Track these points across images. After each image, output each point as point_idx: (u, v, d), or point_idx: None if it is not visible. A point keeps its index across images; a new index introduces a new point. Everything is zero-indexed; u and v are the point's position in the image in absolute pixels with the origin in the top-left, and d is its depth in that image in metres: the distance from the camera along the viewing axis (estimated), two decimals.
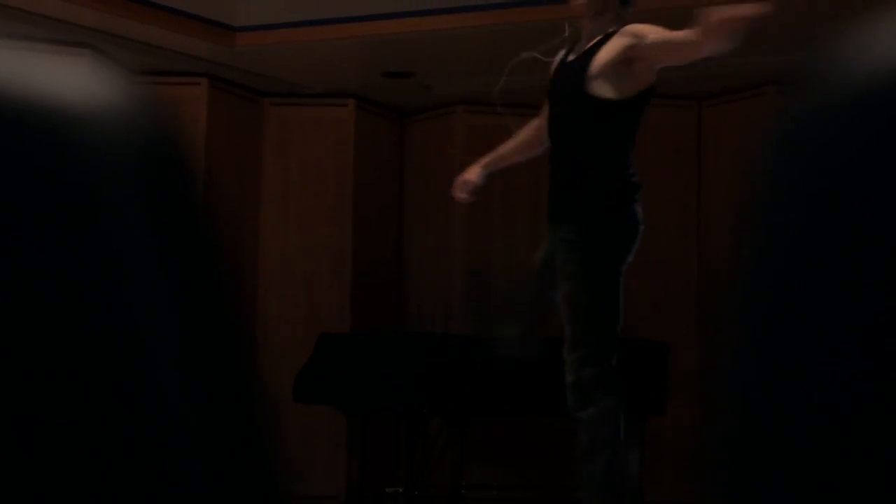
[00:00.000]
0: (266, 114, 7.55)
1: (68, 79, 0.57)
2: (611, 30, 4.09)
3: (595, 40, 4.10)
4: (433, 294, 7.60)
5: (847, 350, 0.51)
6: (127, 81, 0.57)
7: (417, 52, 6.84)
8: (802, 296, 0.52)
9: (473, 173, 4.53)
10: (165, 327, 0.55)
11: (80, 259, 0.54)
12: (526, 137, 4.46)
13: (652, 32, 4.02)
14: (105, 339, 0.54)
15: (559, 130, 4.13)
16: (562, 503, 6.65)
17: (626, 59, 4.01)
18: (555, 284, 4.12)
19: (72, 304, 0.53)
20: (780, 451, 0.52)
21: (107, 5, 6.15)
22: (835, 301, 0.51)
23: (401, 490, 6.44)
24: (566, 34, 4.28)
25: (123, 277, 0.54)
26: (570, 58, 4.19)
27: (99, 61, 0.58)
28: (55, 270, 0.53)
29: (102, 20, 6.25)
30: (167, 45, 6.67)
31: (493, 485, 7.26)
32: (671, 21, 4.09)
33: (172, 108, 0.59)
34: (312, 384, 6.14)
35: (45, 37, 5.61)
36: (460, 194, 4.55)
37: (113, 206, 0.54)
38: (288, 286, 7.44)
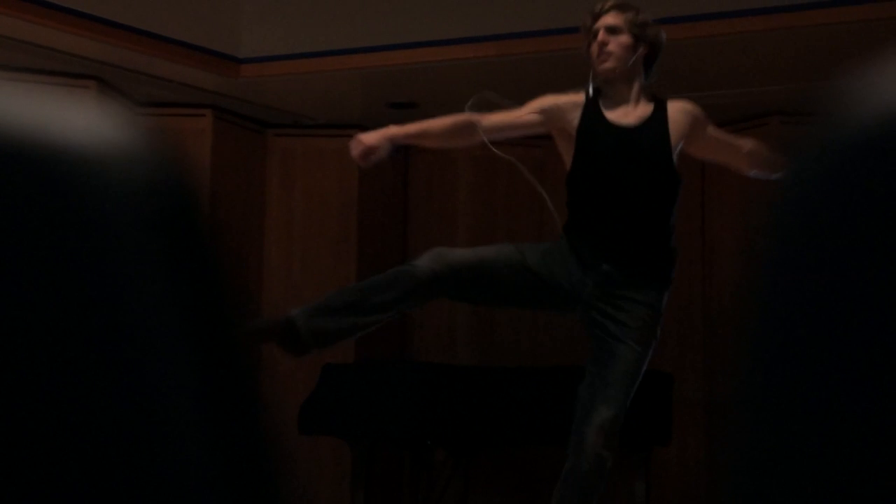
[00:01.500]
0: (270, 145, 7.57)
1: (73, 115, 0.57)
2: (652, 99, 4.13)
3: (650, 108, 4.11)
4: (437, 324, 7.60)
5: (855, 382, 0.51)
6: (131, 115, 0.58)
7: (421, 82, 6.86)
8: (809, 326, 0.52)
9: (379, 139, 4.02)
10: (171, 358, 0.55)
11: (85, 293, 0.54)
12: (453, 127, 4.16)
13: (709, 122, 4.16)
14: (110, 368, 0.54)
15: (630, 193, 4.01)
16: None
17: (686, 137, 4.09)
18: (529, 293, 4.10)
19: (78, 334, 0.54)
20: (787, 479, 0.52)
21: (113, 38, 6.18)
22: (843, 333, 0.51)
23: None
24: (589, 89, 4.23)
25: (129, 312, 0.54)
26: (618, 120, 4.11)
27: (104, 94, 0.58)
28: (61, 305, 0.54)
29: (108, 52, 6.27)
30: (172, 76, 6.69)
31: None
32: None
33: (177, 139, 0.59)
34: (317, 415, 6.13)
35: (52, 69, 5.61)
36: (359, 157, 4.03)
37: (118, 240, 0.54)
38: None
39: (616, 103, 4.12)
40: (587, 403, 3.96)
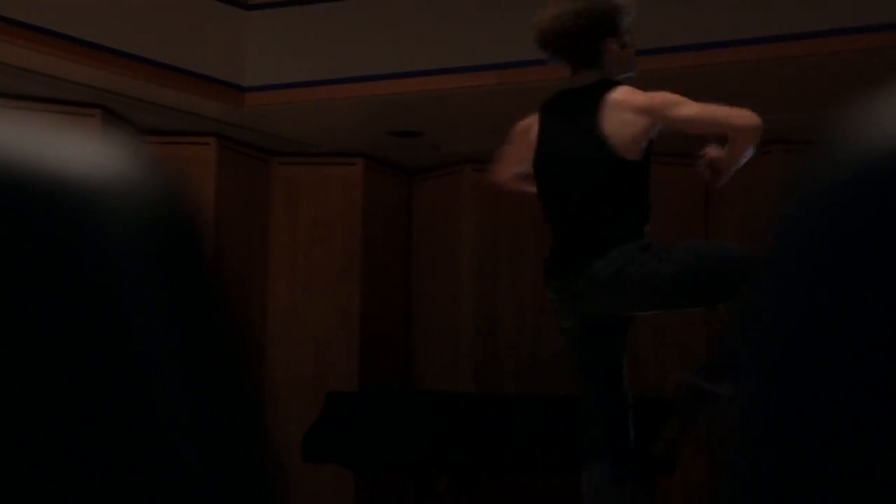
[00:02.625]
0: (274, 173, 7.58)
1: (77, 143, 0.57)
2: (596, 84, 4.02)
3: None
4: (441, 351, 7.59)
5: (857, 408, 0.51)
6: (136, 143, 0.58)
7: (424, 111, 6.87)
8: (813, 353, 0.52)
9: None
10: (174, 390, 0.55)
11: (88, 322, 0.54)
12: None
13: (676, 103, 3.96)
14: (114, 402, 0.54)
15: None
16: None
17: (646, 133, 3.96)
18: None
19: (81, 363, 0.54)
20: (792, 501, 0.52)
21: (117, 66, 6.20)
22: (846, 359, 0.51)
23: None
24: None
25: (131, 339, 0.54)
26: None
27: (109, 122, 0.59)
28: (63, 333, 0.54)
29: (113, 81, 6.30)
30: (177, 105, 6.72)
31: None
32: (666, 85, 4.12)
33: (181, 167, 0.59)
34: (321, 443, 6.12)
35: (57, 97, 5.63)
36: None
37: (120, 270, 0.55)
38: (296, 344, 7.43)
39: None
40: None
